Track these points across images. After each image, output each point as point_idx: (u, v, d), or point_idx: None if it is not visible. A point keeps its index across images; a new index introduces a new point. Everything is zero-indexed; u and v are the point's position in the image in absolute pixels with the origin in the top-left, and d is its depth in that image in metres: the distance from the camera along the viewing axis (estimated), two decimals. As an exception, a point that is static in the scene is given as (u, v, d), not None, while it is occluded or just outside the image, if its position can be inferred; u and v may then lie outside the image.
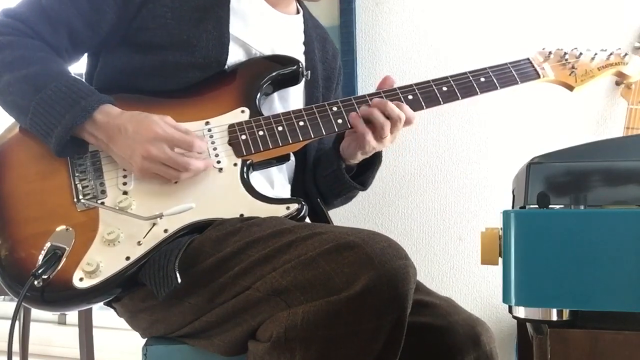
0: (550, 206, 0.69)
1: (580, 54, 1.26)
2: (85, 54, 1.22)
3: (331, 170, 1.23)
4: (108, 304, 1.14)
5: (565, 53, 1.27)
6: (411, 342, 0.93)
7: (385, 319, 0.85)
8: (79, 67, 1.23)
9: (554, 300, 0.66)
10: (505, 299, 0.68)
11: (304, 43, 1.30)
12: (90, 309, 1.90)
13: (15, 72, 1.06)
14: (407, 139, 1.81)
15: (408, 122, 1.15)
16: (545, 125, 1.70)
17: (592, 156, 0.71)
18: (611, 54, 1.27)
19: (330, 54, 1.38)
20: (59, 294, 0.99)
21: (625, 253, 0.64)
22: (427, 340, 1.06)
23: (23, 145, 1.11)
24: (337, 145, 1.24)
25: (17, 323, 0.99)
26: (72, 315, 2.40)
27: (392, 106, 1.14)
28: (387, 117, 1.14)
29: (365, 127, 1.14)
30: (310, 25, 1.34)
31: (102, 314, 2.26)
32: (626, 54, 1.28)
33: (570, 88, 1.26)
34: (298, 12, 1.33)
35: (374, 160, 1.27)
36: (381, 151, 1.26)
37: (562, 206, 0.70)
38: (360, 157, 1.22)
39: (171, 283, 0.94)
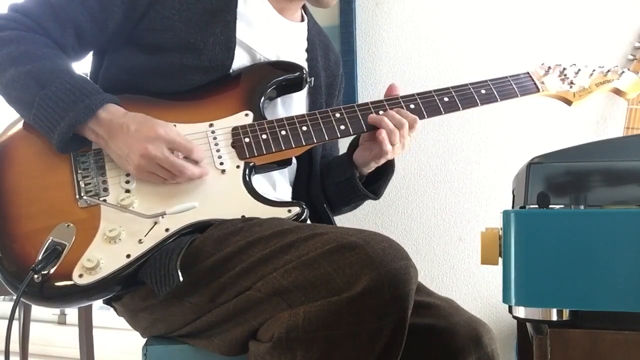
0: (550, 206, 0.70)
1: (579, 70, 1.30)
2: (91, 53, 1.22)
3: (344, 178, 1.24)
4: (108, 303, 1.15)
5: (565, 69, 1.30)
6: (413, 344, 0.93)
7: (386, 320, 0.85)
8: (83, 66, 1.23)
9: (554, 300, 0.66)
10: (505, 299, 0.68)
11: (307, 50, 1.31)
12: (90, 308, 1.90)
13: (21, 66, 1.07)
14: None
15: (411, 126, 1.16)
16: (545, 125, 1.70)
17: (592, 156, 0.71)
18: (609, 70, 1.30)
19: (333, 61, 1.38)
20: (58, 290, 0.99)
21: (625, 253, 0.64)
22: (428, 342, 1.06)
23: (26, 141, 1.11)
24: (350, 154, 1.24)
25: (16, 323, 0.99)
26: (72, 315, 2.41)
27: (393, 113, 1.16)
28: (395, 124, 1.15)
29: (386, 135, 1.14)
30: (314, 33, 1.34)
31: (102, 314, 2.26)
32: (623, 72, 1.31)
33: (569, 103, 1.29)
34: (302, 20, 1.33)
35: (387, 170, 1.27)
36: (394, 161, 1.26)
37: (562, 206, 0.70)
38: (373, 166, 1.22)
39: (172, 281, 0.94)
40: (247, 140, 1.13)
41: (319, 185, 1.28)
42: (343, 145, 1.31)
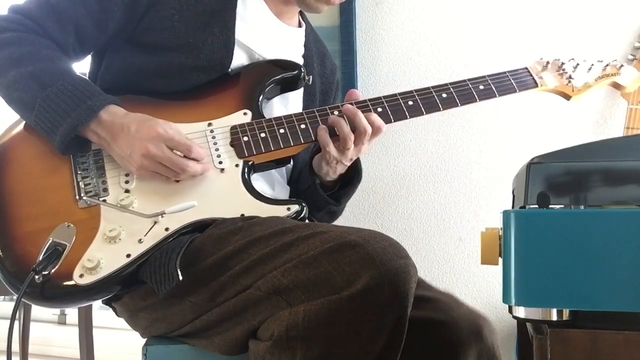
0: (550, 206, 0.70)
1: (577, 64, 1.29)
2: (90, 54, 1.22)
3: (307, 185, 1.23)
4: (107, 304, 1.15)
5: (563, 63, 1.29)
6: (413, 337, 0.93)
7: (386, 318, 0.85)
8: (82, 67, 1.23)
9: (554, 300, 0.66)
10: (505, 299, 0.68)
11: (304, 56, 1.31)
12: (90, 308, 1.90)
13: (22, 68, 1.07)
14: (407, 139, 1.81)
15: (375, 133, 1.13)
16: (545, 125, 1.70)
17: (592, 156, 0.71)
18: (607, 65, 1.30)
19: (329, 69, 1.38)
20: (59, 290, 1.00)
21: (625, 253, 0.64)
22: (429, 335, 1.06)
23: (26, 143, 1.11)
24: (310, 161, 1.24)
25: (16, 322, 0.99)
26: (72, 315, 2.41)
27: (360, 117, 1.12)
28: (353, 129, 1.12)
29: (326, 138, 1.13)
30: (311, 40, 1.34)
31: (102, 314, 2.26)
32: (622, 65, 1.30)
33: (567, 97, 1.29)
34: (300, 26, 1.33)
35: (352, 179, 1.26)
36: (360, 170, 1.25)
37: (562, 206, 0.70)
38: (326, 170, 1.19)
39: (172, 280, 0.94)
40: (245, 138, 1.13)
41: (295, 193, 1.28)
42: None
